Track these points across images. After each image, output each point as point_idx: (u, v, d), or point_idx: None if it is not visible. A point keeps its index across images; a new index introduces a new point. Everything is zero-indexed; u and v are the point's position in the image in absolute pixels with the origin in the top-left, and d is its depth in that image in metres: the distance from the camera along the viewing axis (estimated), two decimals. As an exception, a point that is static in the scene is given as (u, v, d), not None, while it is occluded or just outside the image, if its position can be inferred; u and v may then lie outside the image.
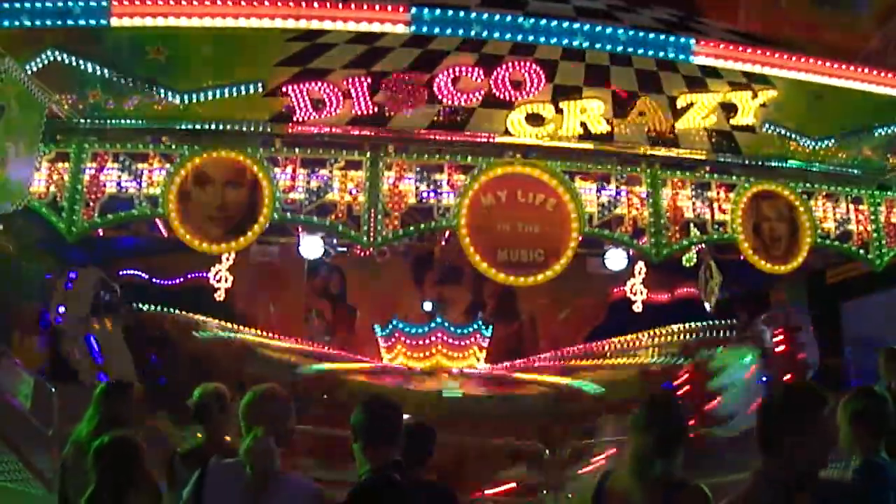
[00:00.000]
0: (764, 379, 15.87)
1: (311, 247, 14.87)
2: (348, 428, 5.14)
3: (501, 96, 14.46)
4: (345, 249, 17.26)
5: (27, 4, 12.68)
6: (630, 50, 14.07)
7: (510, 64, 14.28)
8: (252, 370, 15.06)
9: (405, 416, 5.39)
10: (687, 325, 17.93)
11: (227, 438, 6.82)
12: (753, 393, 14.64)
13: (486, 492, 13.44)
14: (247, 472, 4.84)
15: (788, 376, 15.71)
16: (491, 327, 19.17)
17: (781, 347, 16.80)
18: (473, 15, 13.54)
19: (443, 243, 17.05)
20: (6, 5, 12.64)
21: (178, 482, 6.20)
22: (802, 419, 4.52)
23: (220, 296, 17.40)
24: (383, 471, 4.97)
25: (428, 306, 19.91)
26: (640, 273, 18.38)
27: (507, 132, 14.76)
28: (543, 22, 13.75)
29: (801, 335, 16.90)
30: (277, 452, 4.93)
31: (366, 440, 5.06)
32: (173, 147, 14.55)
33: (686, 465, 4.79)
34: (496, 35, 13.77)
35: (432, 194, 14.74)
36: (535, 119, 14.73)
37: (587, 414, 15.13)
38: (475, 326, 18.87)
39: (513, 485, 13.71)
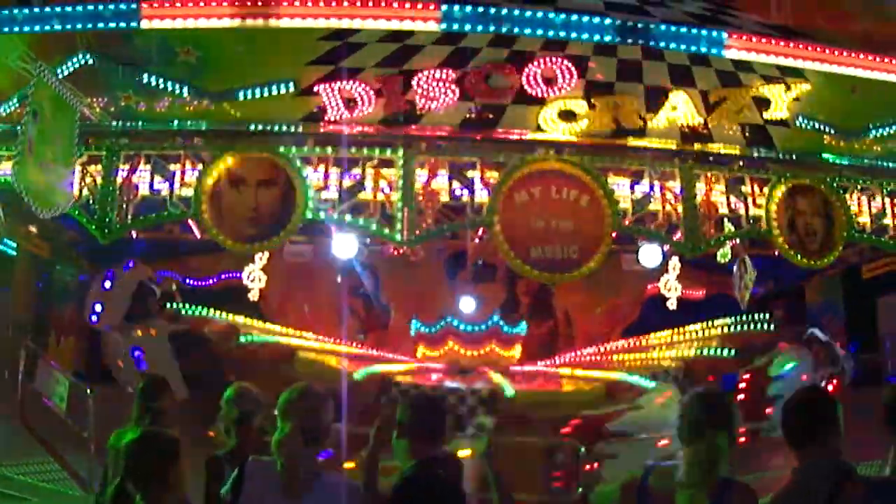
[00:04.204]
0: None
1: (345, 246, 14.85)
2: None
3: (533, 93, 14.38)
4: (378, 248, 17.31)
5: (58, 8, 12.77)
6: (662, 44, 14.00)
7: (541, 60, 14.22)
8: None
9: None
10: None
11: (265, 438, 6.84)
12: None
13: None
14: (277, 468, 4.84)
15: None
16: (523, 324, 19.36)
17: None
18: (504, 11, 13.49)
19: (476, 241, 17.05)
20: (37, 10, 12.73)
21: (220, 482, 6.22)
22: (833, 415, 4.68)
23: (253, 295, 17.44)
24: (429, 467, 4.97)
25: (467, 303, 19.79)
26: (674, 269, 18.28)
27: (539, 129, 14.68)
28: (574, 17, 13.69)
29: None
30: (303, 447, 4.90)
31: (411, 436, 5.06)
32: (205, 148, 14.54)
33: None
34: (527, 31, 13.70)
35: (465, 192, 14.70)
36: (567, 115, 14.64)
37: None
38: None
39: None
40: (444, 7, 13.25)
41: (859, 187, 16.30)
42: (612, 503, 4.96)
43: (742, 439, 5.10)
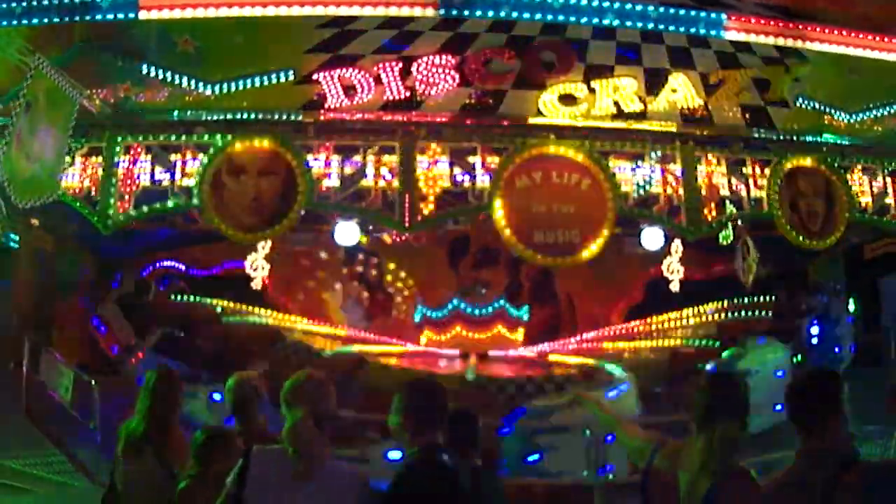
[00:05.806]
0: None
1: (347, 233, 14.86)
2: None
3: (533, 77, 14.36)
4: (380, 235, 17.32)
5: (55, 0, 12.72)
6: (661, 27, 13.93)
7: (541, 44, 14.18)
8: None
9: None
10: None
11: (261, 422, 6.86)
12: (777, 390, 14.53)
13: None
14: (290, 455, 4.80)
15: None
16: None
17: (816, 341, 16.77)
18: (502, -5, 13.45)
19: (478, 226, 17.07)
20: (34, 2, 12.68)
21: None
22: (838, 400, 4.64)
23: (256, 284, 17.47)
24: (431, 453, 4.93)
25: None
26: (676, 252, 18.24)
27: (539, 113, 14.66)
28: (573, 1, 13.64)
29: (838, 328, 16.83)
30: (317, 434, 4.87)
31: (413, 422, 5.02)
32: (206, 138, 14.50)
33: None
34: (526, 16, 13.61)
35: (466, 177, 14.67)
36: (567, 99, 14.62)
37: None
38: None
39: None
40: (443, -8, 13.21)
41: (860, 167, 16.26)
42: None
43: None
